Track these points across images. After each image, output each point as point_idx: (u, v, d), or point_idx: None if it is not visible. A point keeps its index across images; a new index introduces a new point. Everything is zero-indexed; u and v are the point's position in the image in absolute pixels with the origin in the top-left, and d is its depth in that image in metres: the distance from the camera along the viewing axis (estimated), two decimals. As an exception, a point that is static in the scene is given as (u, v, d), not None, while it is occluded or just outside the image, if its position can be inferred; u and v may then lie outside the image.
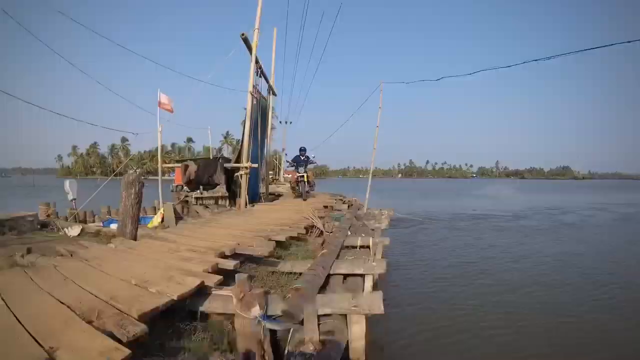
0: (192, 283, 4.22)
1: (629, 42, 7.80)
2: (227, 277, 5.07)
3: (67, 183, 13.68)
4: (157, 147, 15.73)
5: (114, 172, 18.95)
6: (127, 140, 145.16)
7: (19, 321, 3.22)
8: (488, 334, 6.91)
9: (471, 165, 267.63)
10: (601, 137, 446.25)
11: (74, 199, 13.50)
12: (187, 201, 17.01)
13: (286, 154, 41.27)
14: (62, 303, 3.65)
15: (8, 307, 3.53)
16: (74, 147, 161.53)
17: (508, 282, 10.07)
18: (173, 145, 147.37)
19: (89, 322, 3.27)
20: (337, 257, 7.06)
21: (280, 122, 39.46)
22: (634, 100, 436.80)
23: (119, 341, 2.92)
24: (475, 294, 8.99)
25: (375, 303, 4.47)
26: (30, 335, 2.96)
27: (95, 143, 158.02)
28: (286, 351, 4.06)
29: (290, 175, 27.56)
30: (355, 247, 8.40)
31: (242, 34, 14.29)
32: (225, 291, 4.42)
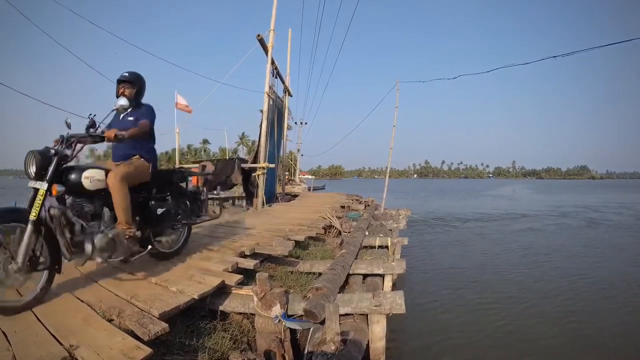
0: (213, 282, 4.18)
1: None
2: (246, 277, 5.04)
3: (85, 184, 13.78)
4: (173, 149, 15.87)
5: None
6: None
7: (38, 319, 3.20)
8: (511, 339, 6.76)
9: (487, 165, 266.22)
10: (619, 136, 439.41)
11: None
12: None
13: (302, 155, 41.39)
14: (82, 301, 3.63)
15: (28, 304, 3.51)
16: (92, 149, 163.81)
17: (537, 285, 9.80)
18: (189, 146, 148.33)
19: (110, 321, 3.25)
20: (356, 257, 7.00)
21: (296, 122, 39.59)
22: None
23: (140, 340, 2.88)
24: (500, 298, 8.78)
25: (396, 302, 4.38)
26: (50, 333, 2.94)
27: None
28: (306, 351, 4.00)
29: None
30: (374, 247, 8.32)
31: (258, 35, 14.34)
32: (246, 290, 4.38)
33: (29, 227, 3.37)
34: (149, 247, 4.74)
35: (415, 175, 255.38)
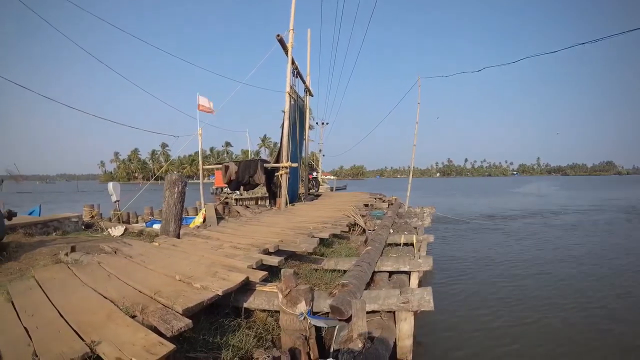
0: (237, 279, 4.11)
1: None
2: (270, 274, 4.97)
3: (110, 185, 14.03)
4: (196, 152, 16.01)
5: (155, 176, 19.35)
6: (167, 145, 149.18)
7: (61, 315, 3.17)
8: (541, 339, 6.56)
9: (511, 163, 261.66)
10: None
11: (117, 201, 13.80)
12: (227, 202, 17.16)
13: (323, 155, 41.35)
14: (106, 298, 3.60)
15: (50, 300, 3.51)
16: (116, 154, 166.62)
17: (565, 284, 9.53)
18: (212, 149, 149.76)
19: (133, 317, 3.20)
20: (381, 255, 6.89)
21: (317, 122, 39.55)
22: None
23: (163, 336, 2.82)
24: (529, 296, 8.57)
25: (425, 299, 4.25)
26: (72, 328, 2.90)
27: (136, 149, 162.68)
28: (332, 349, 3.90)
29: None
30: (399, 245, 8.20)
31: (278, 35, 14.30)
32: (270, 287, 4.30)
33: None
34: None
35: (438, 174, 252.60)
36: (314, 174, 26.18)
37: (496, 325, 6.99)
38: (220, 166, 16.17)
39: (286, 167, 14.06)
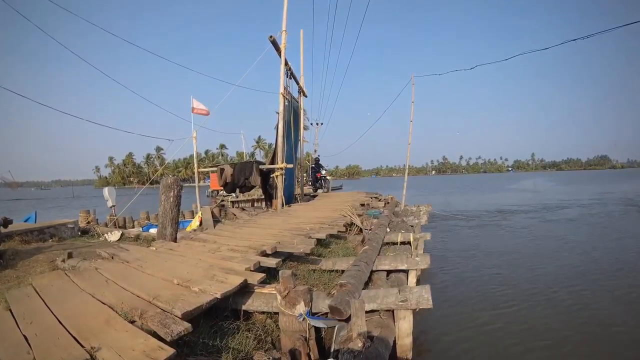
0: (235, 281, 4.10)
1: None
2: (269, 276, 4.97)
3: (106, 190, 13.99)
4: (191, 155, 16.01)
5: (150, 180, 19.31)
6: (162, 149, 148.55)
7: (59, 322, 3.16)
8: (538, 336, 6.58)
9: (506, 159, 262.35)
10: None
11: (113, 206, 13.77)
12: (223, 205, 17.13)
13: (318, 155, 41.33)
14: (104, 303, 3.59)
15: (48, 307, 3.50)
16: (111, 158, 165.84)
17: (568, 279, 9.52)
18: (207, 152, 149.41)
19: (132, 322, 3.20)
20: (379, 254, 6.89)
21: (312, 123, 39.51)
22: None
23: (163, 340, 2.82)
24: (527, 292, 8.58)
25: (423, 297, 4.26)
26: (71, 335, 2.89)
27: (130, 153, 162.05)
28: (332, 349, 3.90)
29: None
30: (396, 244, 8.20)
31: (271, 37, 14.26)
32: (269, 289, 4.30)
33: None
34: None
35: (433, 172, 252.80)
36: (322, 172, 25.81)
37: (497, 321, 7.01)
38: (215, 169, 16.14)
39: (282, 168, 14.04)
